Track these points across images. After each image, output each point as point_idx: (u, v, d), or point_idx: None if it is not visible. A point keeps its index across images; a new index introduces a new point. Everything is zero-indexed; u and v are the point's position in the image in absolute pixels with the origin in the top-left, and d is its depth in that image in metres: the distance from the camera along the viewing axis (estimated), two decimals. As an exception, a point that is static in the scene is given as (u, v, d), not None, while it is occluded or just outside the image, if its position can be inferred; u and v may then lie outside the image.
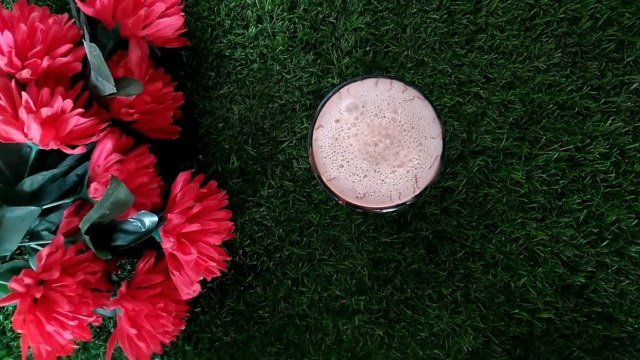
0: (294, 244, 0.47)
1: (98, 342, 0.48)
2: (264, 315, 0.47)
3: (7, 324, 0.48)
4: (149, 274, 0.40)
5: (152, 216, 0.38)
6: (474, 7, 0.45)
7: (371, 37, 0.45)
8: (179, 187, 0.39)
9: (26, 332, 0.34)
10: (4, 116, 0.34)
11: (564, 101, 0.44)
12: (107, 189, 0.35)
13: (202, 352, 0.47)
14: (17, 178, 0.39)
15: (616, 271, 0.44)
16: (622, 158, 0.44)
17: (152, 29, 0.40)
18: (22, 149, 0.38)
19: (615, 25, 0.44)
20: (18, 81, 0.35)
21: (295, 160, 0.46)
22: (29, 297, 0.33)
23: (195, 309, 0.48)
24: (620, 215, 0.44)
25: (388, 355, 0.46)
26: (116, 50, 0.41)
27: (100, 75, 0.36)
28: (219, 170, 0.47)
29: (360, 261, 0.46)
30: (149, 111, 0.40)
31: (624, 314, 0.44)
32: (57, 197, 0.39)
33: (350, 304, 0.46)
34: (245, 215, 0.47)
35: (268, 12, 0.46)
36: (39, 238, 0.39)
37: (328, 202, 0.46)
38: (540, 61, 0.45)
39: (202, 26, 0.47)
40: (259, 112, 0.46)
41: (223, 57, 0.47)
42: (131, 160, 0.38)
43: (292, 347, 0.47)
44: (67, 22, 0.37)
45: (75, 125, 0.35)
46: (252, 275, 0.47)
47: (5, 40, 0.34)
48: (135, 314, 0.38)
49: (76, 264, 0.36)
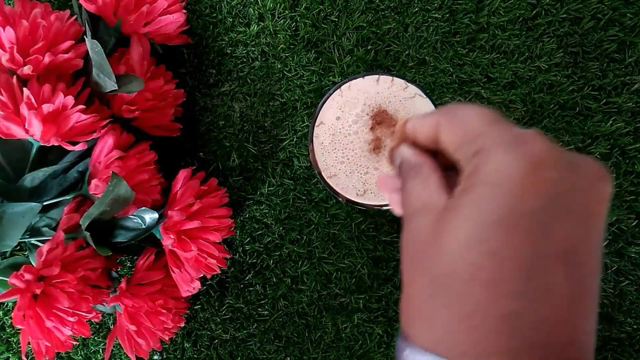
0: (294, 242, 0.47)
1: (97, 338, 0.48)
2: (264, 313, 0.47)
3: (7, 320, 0.48)
4: (149, 270, 0.40)
5: (152, 213, 0.38)
6: (475, 7, 0.45)
7: (373, 35, 0.45)
8: (179, 185, 0.39)
9: (26, 328, 0.34)
10: (5, 112, 0.34)
11: (565, 101, 0.44)
12: (108, 185, 0.35)
13: (201, 349, 0.48)
14: (18, 174, 0.39)
15: (616, 271, 0.44)
16: (622, 158, 0.44)
17: (154, 26, 0.40)
18: (23, 145, 0.38)
19: (617, 25, 0.44)
20: (20, 77, 0.35)
21: (295, 159, 0.46)
22: (29, 293, 0.33)
23: (195, 306, 0.48)
24: (621, 215, 0.44)
25: (387, 353, 0.46)
26: (118, 47, 0.41)
27: (101, 72, 0.36)
28: (220, 168, 0.47)
29: (360, 260, 0.46)
30: (150, 108, 0.40)
31: (624, 314, 0.44)
32: (57, 194, 0.39)
33: (350, 302, 0.46)
34: (246, 213, 0.47)
35: (270, 10, 0.46)
36: (39, 234, 0.39)
37: (328, 200, 0.46)
38: (541, 61, 0.44)
39: (204, 24, 0.47)
40: (260, 110, 0.46)
41: (224, 55, 0.47)
42: (132, 157, 0.38)
43: (292, 345, 0.47)
44: (69, 19, 0.37)
45: (76, 121, 0.35)
46: (251, 273, 0.47)
47: (7, 36, 0.34)
48: (135, 311, 0.38)
49: (76, 260, 0.37)
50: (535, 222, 0.15)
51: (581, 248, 0.15)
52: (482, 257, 0.15)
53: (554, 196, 0.15)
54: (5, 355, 0.49)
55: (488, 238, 0.15)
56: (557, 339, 0.14)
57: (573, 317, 0.15)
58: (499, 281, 0.15)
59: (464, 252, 0.15)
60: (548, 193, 0.15)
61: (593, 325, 0.15)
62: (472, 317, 0.15)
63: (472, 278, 0.15)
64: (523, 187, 0.15)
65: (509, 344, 0.14)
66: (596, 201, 0.16)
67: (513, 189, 0.15)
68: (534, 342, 0.14)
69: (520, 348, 0.14)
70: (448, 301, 0.15)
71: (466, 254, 0.15)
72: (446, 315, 0.15)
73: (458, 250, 0.15)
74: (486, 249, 0.15)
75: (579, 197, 0.15)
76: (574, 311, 0.15)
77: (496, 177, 0.15)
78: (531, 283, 0.14)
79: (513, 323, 0.14)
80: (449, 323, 0.15)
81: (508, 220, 0.15)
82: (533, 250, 0.15)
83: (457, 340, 0.15)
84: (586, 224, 0.15)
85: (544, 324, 0.14)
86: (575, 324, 0.15)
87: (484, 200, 0.15)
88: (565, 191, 0.15)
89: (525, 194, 0.15)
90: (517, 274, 0.15)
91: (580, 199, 0.15)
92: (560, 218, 0.15)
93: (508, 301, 0.14)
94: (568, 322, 0.15)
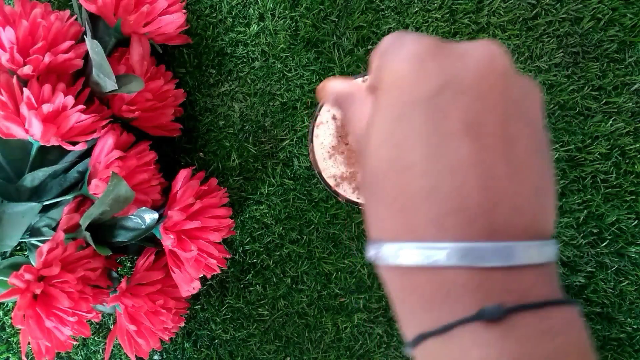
0: (294, 242, 0.47)
1: (97, 338, 0.48)
2: (264, 313, 0.47)
3: (7, 320, 0.49)
4: (149, 270, 0.40)
5: (152, 213, 0.38)
6: (475, 7, 0.45)
7: (373, 35, 0.45)
8: (179, 185, 0.39)
9: (26, 328, 0.34)
10: (5, 112, 0.34)
11: (565, 101, 0.44)
12: (108, 185, 0.35)
13: (201, 349, 0.48)
14: (18, 174, 0.39)
15: (616, 271, 0.44)
16: (622, 159, 0.44)
17: (154, 26, 0.40)
18: (23, 145, 0.38)
19: (617, 25, 0.44)
20: (20, 77, 0.35)
21: (295, 159, 0.46)
22: (29, 292, 0.34)
23: (195, 306, 0.48)
24: (621, 215, 0.44)
25: (387, 353, 0.46)
26: (118, 48, 0.41)
27: (101, 72, 0.36)
28: (220, 168, 0.47)
29: (360, 260, 0.46)
30: (150, 108, 0.40)
31: (623, 314, 0.44)
32: (57, 194, 0.39)
33: (350, 302, 0.46)
34: (246, 213, 0.47)
35: (270, 10, 0.46)
36: (39, 234, 0.39)
37: (328, 200, 0.46)
38: (541, 61, 0.44)
39: (204, 24, 0.47)
40: (260, 110, 0.46)
41: (224, 55, 0.47)
42: (132, 157, 0.38)
43: (291, 345, 0.47)
44: (69, 19, 0.37)
45: (76, 121, 0.35)
46: (251, 273, 0.47)
47: (7, 36, 0.34)
48: (135, 311, 0.38)
49: (76, 260, 0.37)
50: (429, 106, 0.16)
51: (485, 119, 0.16)
52: (391, 150, 0.17)
53: (443, 83, 0.16)
54: (5, 355, 0.49)
55: (393, 133, 0.17)
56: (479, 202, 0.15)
57: (492, 182, 0.16)
58: (410, 165, 0.16)
59: (379, 152, 0.17)
60: (436, 82, 0.16)
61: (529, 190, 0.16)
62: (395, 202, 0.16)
63: (389, 169, 0.17)
64: (412, 81, 0.17)
65: (431, 213, 0.16)
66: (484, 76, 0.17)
67: (404, 85, 0.17)
68: (455, 208, 0.15)
69: (444, 214, 0.15)
70: (377, 197, 0.17)
71: (381, 153, 0.17)
72: (381, 208, 0.17)
73: (375, 153, 0.17)
74: (393, 143, 0.17)
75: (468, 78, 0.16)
76: (490, 175, 0.16)
77: (390, 79, 0.17)
78: (439, 159, 0.16)
79: (431, 196, 0.16)
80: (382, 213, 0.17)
81: (405, 112, 0.17)
82: (433, 130, 0.16)
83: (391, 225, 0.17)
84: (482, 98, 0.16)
85: (461, 190, 0.15)
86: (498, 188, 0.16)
87: (384, 103, 0.17)
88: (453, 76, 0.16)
89: (415, 86, 0.16)
90: (423, 155, 0.16)
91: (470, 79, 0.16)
92: (454, 99, 0.16)
93: (421, 180, 0.16)
94: (488, 188, 0.16)
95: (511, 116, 0.16)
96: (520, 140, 0.16)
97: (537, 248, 0.16)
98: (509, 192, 0.16)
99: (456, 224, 0.15)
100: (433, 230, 0.16)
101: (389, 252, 0.16)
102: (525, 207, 0.16)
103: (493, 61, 0.17)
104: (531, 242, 0.16)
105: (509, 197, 0.16)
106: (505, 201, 0.16)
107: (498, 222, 0.15)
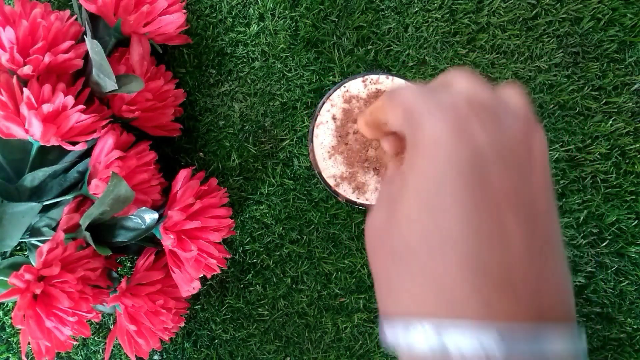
0: (294, 242, 0.47)
1: (97, 338, 0.48)
2: (264, 313, 0.47)
3: (7, 320, 0.49)
4: (149, 270, 0.40)
5: (152, 213, 0.38)
6: (475, 7, 0.45)
7: (373, 35, 0.45)
8: (179, 185, 0.39)
9: (26, 328, 0.34)
10: (5, 112, 0.34)
11: (565, 101, 0.44)
12: (108, 185, 0.35)
13: (201, 349, 0.48)
14: (18, 174, 0.39)
15: (616, 271, 0.44)
16: (622, 159, 0.44)
17: (154, 26, 0.40)
18: (23, 145, 0.38)
19: (617, 25, 0.44)
20: (19, 77, 0.35)
21: (295, 159, 0.46)
22: (29, 292, 0.34)
23: (195, 306, 0.48)
24: (621, 215, 0.44)
25: (387, 354, 0.46)
26: (118, 48, 0.41)
27: (101, 72, 0.36)
28: (220, 168, 0.47)
29: (360, 260, 0.46)
30: (150, 108, 0.40)
31: (624, 314, 0.44)
32: (57, 194, 0.39)
33: (350, 302, 0.46)
34: (246, 213, 0.47)
35: (270, 10, 0.46)
36: (39, 234, 0.39)
37: (328, 200, 0.46)
38: (541, 61, 0.44)
39: (204, 24, 0.47)
40: (260, 110, 0.46)
41: (224, 55, 0.47)
42: (132, 157, 0.38)
43: (292, 345, 0.47)
44: (68, 19, 0.37)
45: (76, 121, 0.35)
46: (251, 273, 0.47)
47: (7, 36, 0.34)
48: (135, 311, 0.38)
49: (76, 260, 0.37)
50: (470, 176, 0.15)
51: (521, 190, 0.16)
52: (429, 224, 0.16)
53: (483, 149, 0.16)
54: (5, 355, 0.49)
55: (432, 206, 0.16)
56: (523, 276, 0.15)
57: (531, 253, 0.15)
58: (447, 238, 0.15)
59: (413, 225, 0.16)
60: (476, 147, 0.16)
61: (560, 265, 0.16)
62: (431, 276, 0.15)
63: (423, 244, 0.16)
64: (451, 149, 0.16)
65: (474, 286, 0.15)
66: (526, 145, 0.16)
67: (444, 154, 0.16)
68: (500, 281, 0.15)
69: (487, 287, 0.15)
70: (407, 270, 0.16)
71: (415, 226, 0.16)
72: (409, 282, 0.16)
73: (407, 225, 0.16)
74: (431, 216, 0.16)
75: (507, 144, 0.16)
76: (531, 248, 0.15)
77: (428, 142, 0.16)
78: (481, 230, 0.15)
79: (473, 266, 0.15)
80: (412, 287, 0.16)
81: (444, 181, 0.16)
82: (475, 201, 0.15)
83: (423, 301, 0.16)
84: (518, 168, 0.16)
85: (504, 263, 0.15)
86: (534, 260, 0.15)
87: (421, 169, 0.16)
88: (493, 141, 0.16)
89: (454, 154, 0.16)
90: (464, 227, 0.15)
91: (510, 146, 0.16)
92: (495, 166, 0.16)
93: (462, 254, 0.15)
94: (530, 261, 0.15)
95: (543, 188, 0.16)
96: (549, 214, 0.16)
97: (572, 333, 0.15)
98: (551, 272, 0.15)
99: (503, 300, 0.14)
100: (478, 307, 0.14)
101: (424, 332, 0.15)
102: (564, 288, 0.15)
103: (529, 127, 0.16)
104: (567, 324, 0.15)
105: (551, 277, 0.15)
106: (550, 281, 0.15)
107: (545, 304, 0.15)
